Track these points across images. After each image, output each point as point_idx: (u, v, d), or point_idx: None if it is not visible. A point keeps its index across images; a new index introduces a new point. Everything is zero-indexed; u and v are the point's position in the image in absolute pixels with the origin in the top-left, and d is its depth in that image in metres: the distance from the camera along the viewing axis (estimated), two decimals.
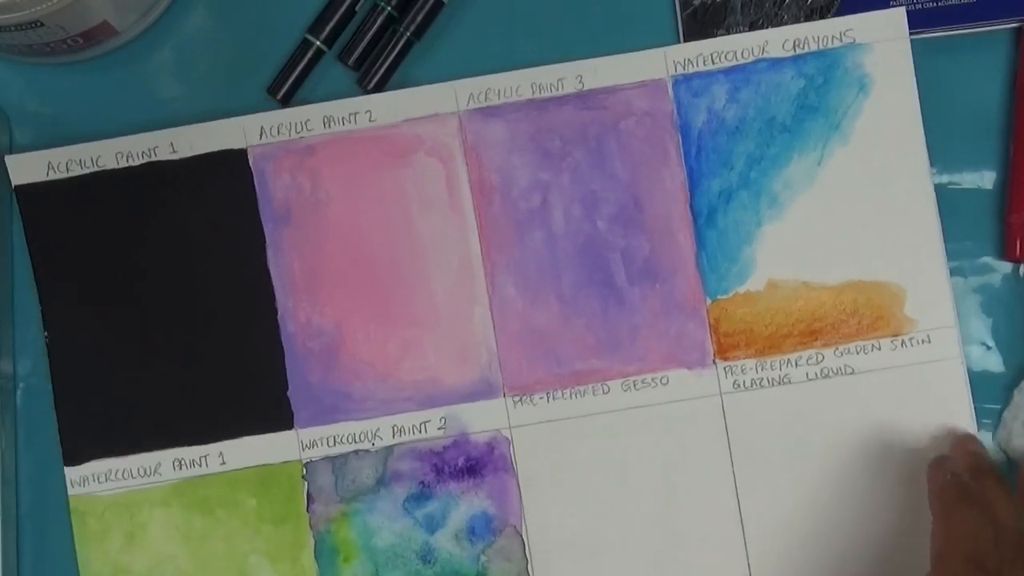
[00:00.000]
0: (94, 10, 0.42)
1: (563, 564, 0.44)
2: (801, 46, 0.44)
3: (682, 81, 0.44)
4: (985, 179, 0.46)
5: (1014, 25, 0.45)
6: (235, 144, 0.45)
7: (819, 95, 0.44)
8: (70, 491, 0.45)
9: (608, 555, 0.44)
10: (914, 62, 0.44)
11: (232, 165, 0.45)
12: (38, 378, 0.46)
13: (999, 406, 0.45)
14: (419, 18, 0.45)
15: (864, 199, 0.44)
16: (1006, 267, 0.45)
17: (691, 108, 0.45)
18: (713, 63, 0.44)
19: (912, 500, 0.44)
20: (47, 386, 0.46)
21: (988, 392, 0.45)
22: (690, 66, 0.44)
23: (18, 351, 0.47)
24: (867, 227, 0.44)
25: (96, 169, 0.45)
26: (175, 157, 0.45)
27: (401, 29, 0.45)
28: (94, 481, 0.45)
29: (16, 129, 0.47)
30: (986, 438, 0.44)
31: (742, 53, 0.44)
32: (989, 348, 0.45)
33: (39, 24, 0.41)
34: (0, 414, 0.46)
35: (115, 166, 0.45)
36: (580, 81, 0.45)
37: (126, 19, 0.44)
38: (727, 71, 0.44)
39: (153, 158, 0.45)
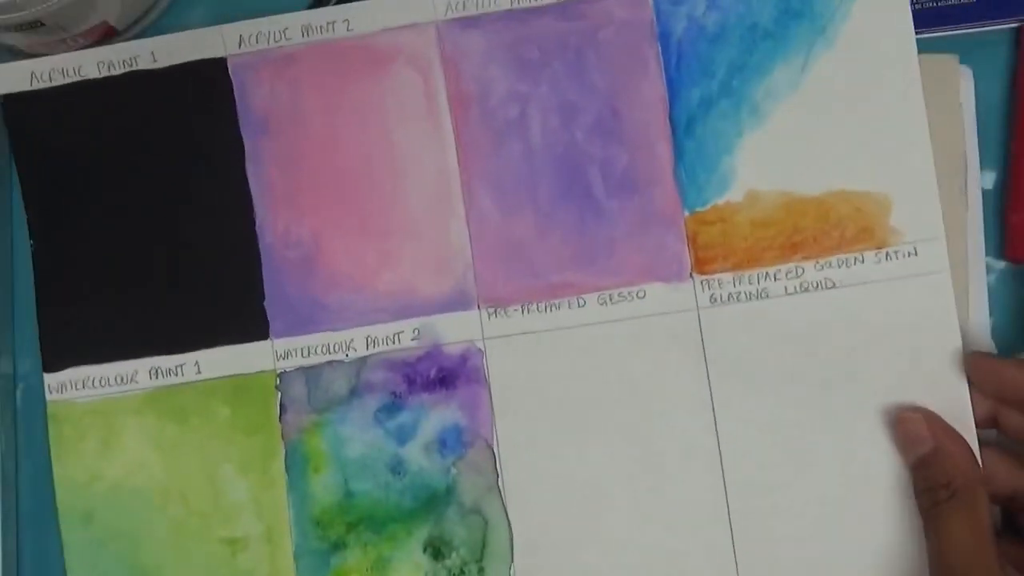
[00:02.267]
0: (94, 10, 0.45)
1: (534, 478, 0.46)
2: None
3: None
4: (985, 179, 0.47)
5: (1014, 25, 0.46)
6: (215, 53, 0.47)
7: None
8: (48, 397, 0.48)
9: (580, 470, 0.46)
10: None
11: (211, 74, 0.48)
12: (38, 378, 0.49)
13: None
14: None
15: (850, 106, 0.45)
16: (1006, 267, 0.47)
17: (671, 16, 0.46)
18: None
19: (891, 419, 0.44)
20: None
21: None
22: None
23: (18, 351, 0.50)
24: (852, 135, 0.45)
25: (78, 79, 0.48)
26: (156, 66, 0.48)
27: None
28: (72, 388, 0.48)
29: None
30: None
31: None
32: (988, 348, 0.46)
33: (39, 24, 0.44)
34: (0, 414, 0.49)
35: (96, 75, 0.48)
36: None
37: (126, 19, 0.47)
38: None
39: (134, 67, 0.48)
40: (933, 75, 0.45)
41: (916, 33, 0.45)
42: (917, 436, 0.43)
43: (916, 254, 0.44)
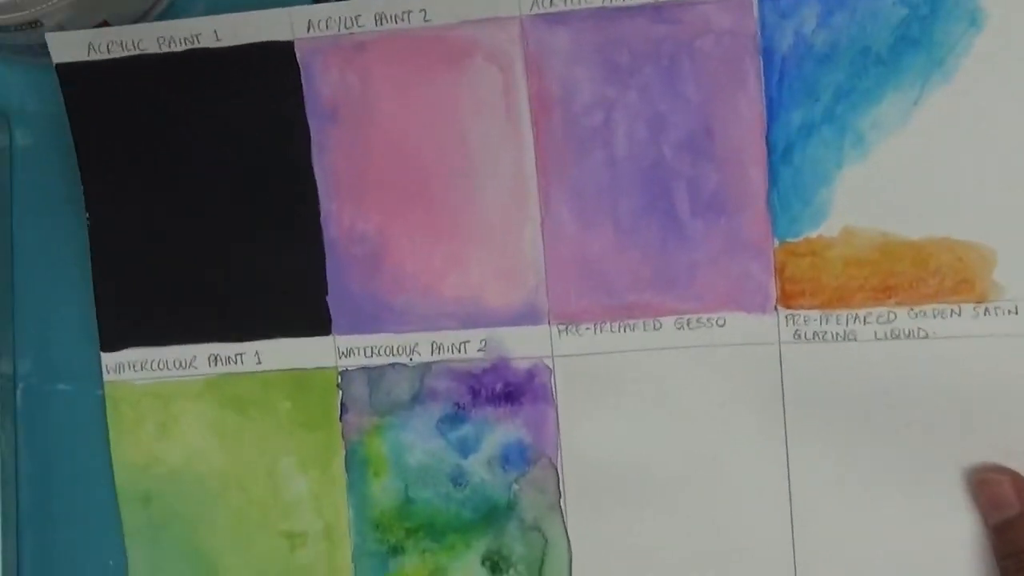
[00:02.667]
0: (94, 10, 0.50)
1: (596, 501, 0.54)
2: None
3: (769, 0, 0.50)
4: None
5: None
6: (282, 36, 0.53)
7: (923, 26, 0.50)
8: (106, 377, 0.56)
9: (644, 496, 0.54)
10: None
11: (278, 57, 0.54)
12: (38, 378, 0.58)
13: None
14: None
15: (962, 148, 0.50)
16: None
17: (777, 30, 0.51)
18: None
19: (974, 480, 0.51)
20: (47, 386, 0.58)
21: None
22: None
23: (18, 351, 0.58)
24: (962, 180, 0.50)
25: (137, 52, 0.54)
26: (218, 46, 0.53)
27: None
28: (129, 369, 0.56)
29: (16, 129, 0.57)
30: None
31: None
32: None
33: (39, 24, 0.50)
34: (0, 414, 0.57)
35: (156, 50, 0.54)
36: None
37: (126, 19, 0.53)
38: None
39: (196, 44, 0.54)
40: None
41: None
42: (1003, 498, 0.50)
43: (1017, 312, 0.50)
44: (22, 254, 0.58)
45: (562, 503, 0.55)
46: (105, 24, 0.53)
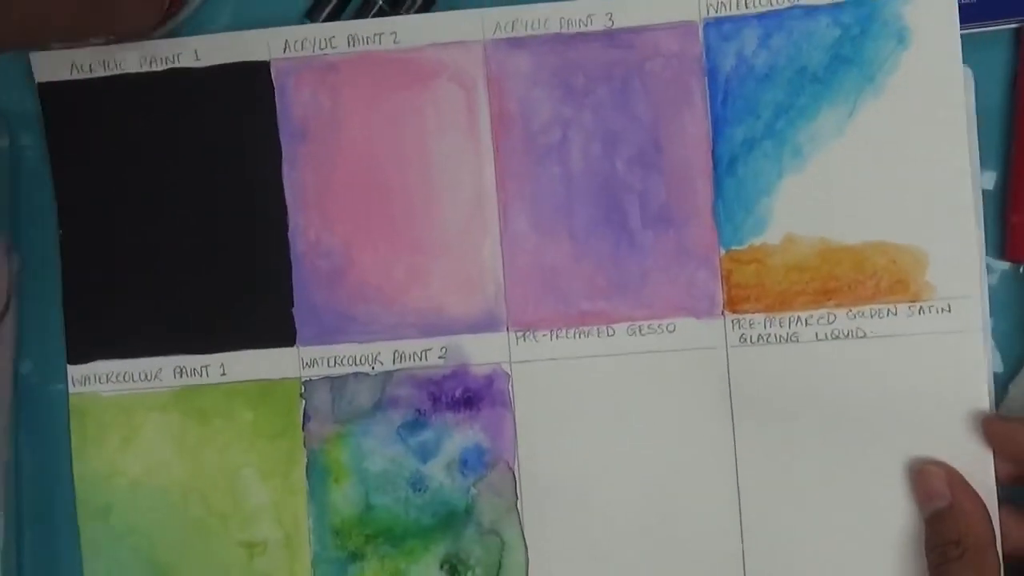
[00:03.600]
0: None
1: (553, 503, 0.56)
2: None
3: (713, 24, 0.55)
4: (985, 179, 0.57)
5: (1014, 25, 0.56)
6: (259, 56, 0.57)
7: (854, 46, 0.55)
8: (71, 389, 0.58)
9: (599, 498, 0.56)
10: None
11: (254, 77, 0.57)
12: (38, 378, 0.60)
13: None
14: None
15: (894, 157, 0.55)
16: (1006, 267, 0.57)
17: (720, 52, 0.55)
18: (747, 7, 0.55)
19: (911, 472, 0.54)
20: (47, 386, 0.60)
21: None
22: (723, 9, 0.55)
23: (18, 351, 0.60)
24: (894, 187, 0.55)
25: (119, 72, 0.57)
26: (198, 65, 0.57)
27: None
28: (95, 381, 0.58)
29: (16, 130, 0.60)
30: None
31: None
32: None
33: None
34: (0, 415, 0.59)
35: (138, 70, 0.57)
36: (610, 19, 0.56)
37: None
38: (760, 16, 0.55)
39: (176, 64, 0.57)
40: None
41: None
42: (935, 490, 0.53)
43: (949, 311, 0.54)
44: (22, 254, 0.60)
45: (519, 506, 0.57)
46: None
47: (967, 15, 0.55)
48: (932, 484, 0.54)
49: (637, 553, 0.56)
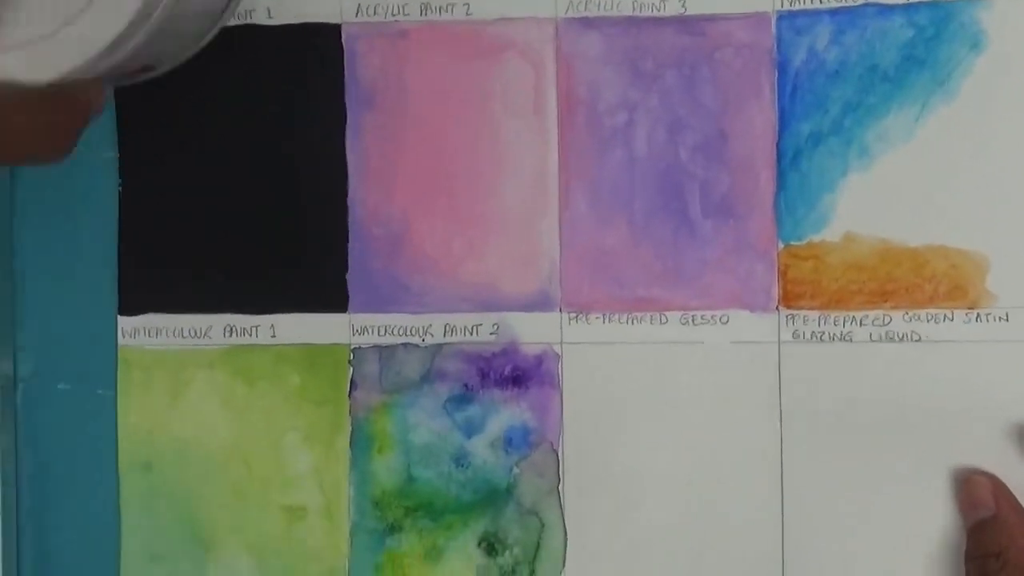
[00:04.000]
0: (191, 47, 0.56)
1: (595, 488, 0.56)
2: None
3: (786, 17, 0.55)
4: None
5: None
6: (331, 18, 0.57)
7: (928, 47, 0.55)
8: (120, 341, 0.58)
9: (641, 486, 0.56)
10: None
11: (325, 39, 0.57)
12: (39, 378, 0.60)
13: None
14: None
15: (960, 162, 0.55)
16: None
17: (792, 45, 0.55)
18: (820, 2, 0.55)
19: (958, 481, 0.54)
20: (48, 386, 0.60)
21: None
22: (797, 3, 0.55)
23: (19, 352, 0.60)
24: (959, 192, 0.55)
25: None
26: (270, 23, 0.57)
27: None
28: (144, 334, 0.58)
29: None
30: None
31: None
32: None
33: (151, 68, 0.55)
34: (0, 414, 0.59)
35: None
36: (683, 5, 0.56)
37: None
38: (834, 12, 0.55)
39: (249, 20, 0.57)
40: None
41: None
42: (979, 499, 0.53)
43: (1007, 320, 0.54)
44: (24, 254, 0.60)
45: (561, 489, 0.57)
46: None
47: None
48: (977, 493, 0.53)
49: (675, 545, 0.56)
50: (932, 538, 0.55)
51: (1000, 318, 0.55)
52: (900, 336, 0.55)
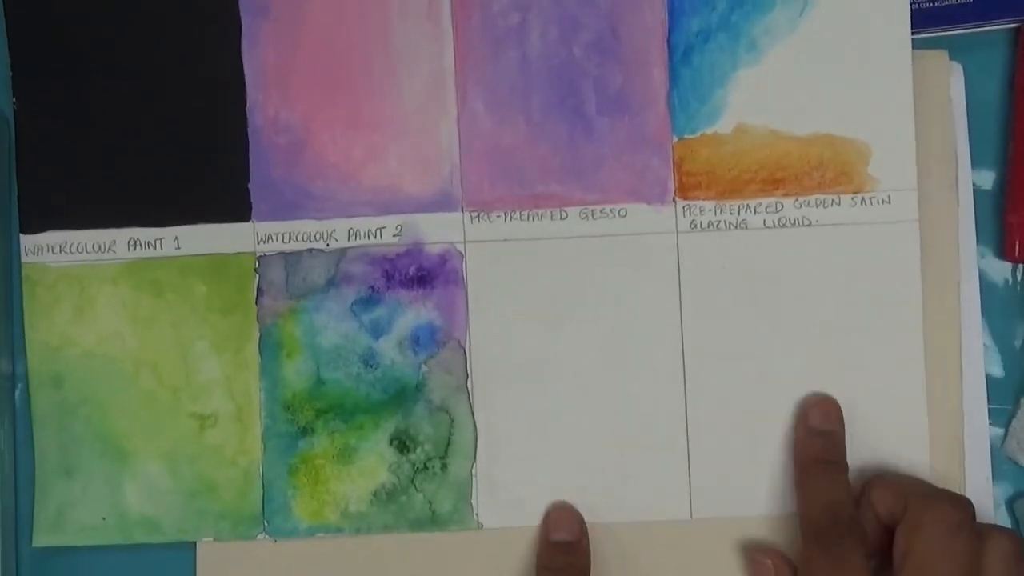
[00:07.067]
0: None
1: (502, 382, 0.59)
2: None
3: None
4: (984, 179, 0.60)
5: (1014, 25, 0.60)
6: None
7: None
8: (23, 259, 0.60)
9: (548, 379, 0.59)
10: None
11: None
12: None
13: (995, 406, 0.60)
14: None
15: (842, 54, 0.58)
16: (1006, 267, 0.60)
17: None
18: None
19: (843, 355, 0.58)
20: None
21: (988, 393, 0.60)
22: None
23: (18, 351, 0.61)
24: (841, 82, 0.58)
25: None
26: None
27: None
28: (48, 251, 0.60)
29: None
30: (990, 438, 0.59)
31: None
32: (987, 348, 0.60)
33: None
34: (0, 414, 0.60)
35: None
36: None
37: None
38: None
39: None
40: (923, 71, 0.58)
41: (916, 33, 0.58)
42: (827, 414, 0.58)
43: (889, 202, 0.58)
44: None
45: (469, 384, 0.59)
46: None
47: (965, 15, 0.58)
48: (827, 409, 0.58)
49: (584, 433, 0.59)
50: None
51: (883, 200, 0.58)
52: (792, 221, 0.59)
